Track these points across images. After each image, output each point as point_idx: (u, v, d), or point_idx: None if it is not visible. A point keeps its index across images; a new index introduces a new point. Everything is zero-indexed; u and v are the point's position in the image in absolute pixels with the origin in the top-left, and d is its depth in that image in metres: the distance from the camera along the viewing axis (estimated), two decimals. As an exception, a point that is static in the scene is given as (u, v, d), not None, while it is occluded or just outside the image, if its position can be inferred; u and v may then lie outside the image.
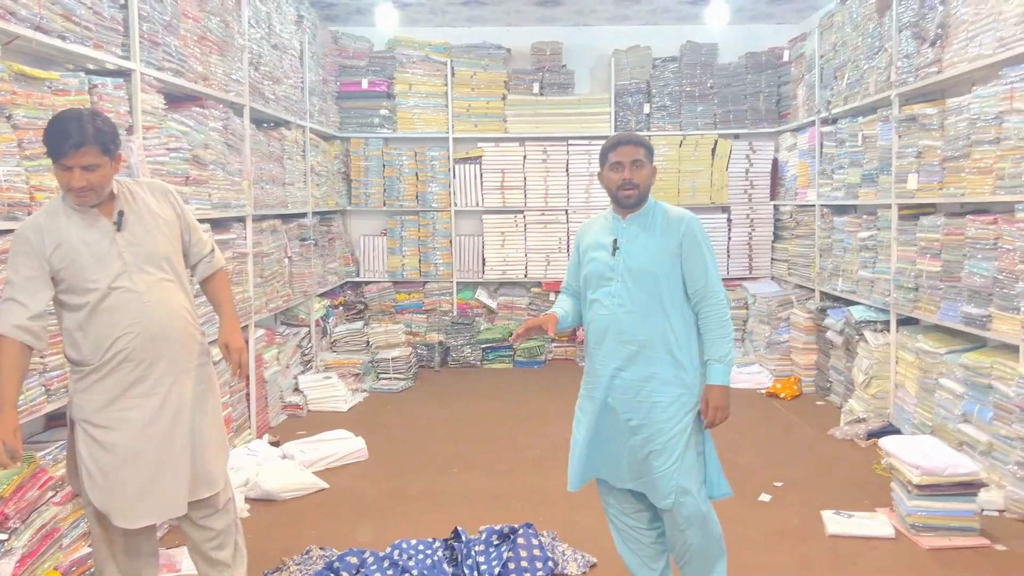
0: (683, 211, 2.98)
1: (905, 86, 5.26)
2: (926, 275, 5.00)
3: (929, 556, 3.63)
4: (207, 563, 2.92)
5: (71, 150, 2.45)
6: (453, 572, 3.46)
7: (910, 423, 5.12)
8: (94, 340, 2.59)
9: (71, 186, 2.50)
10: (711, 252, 2.94)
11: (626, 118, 8.02)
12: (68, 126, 2.46)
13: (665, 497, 2.82)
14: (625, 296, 2.90)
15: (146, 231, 2.68)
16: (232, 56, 5.13)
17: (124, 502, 2.59)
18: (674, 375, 2.86)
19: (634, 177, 2.90)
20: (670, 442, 2.83)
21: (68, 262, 2.54)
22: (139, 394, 2.62)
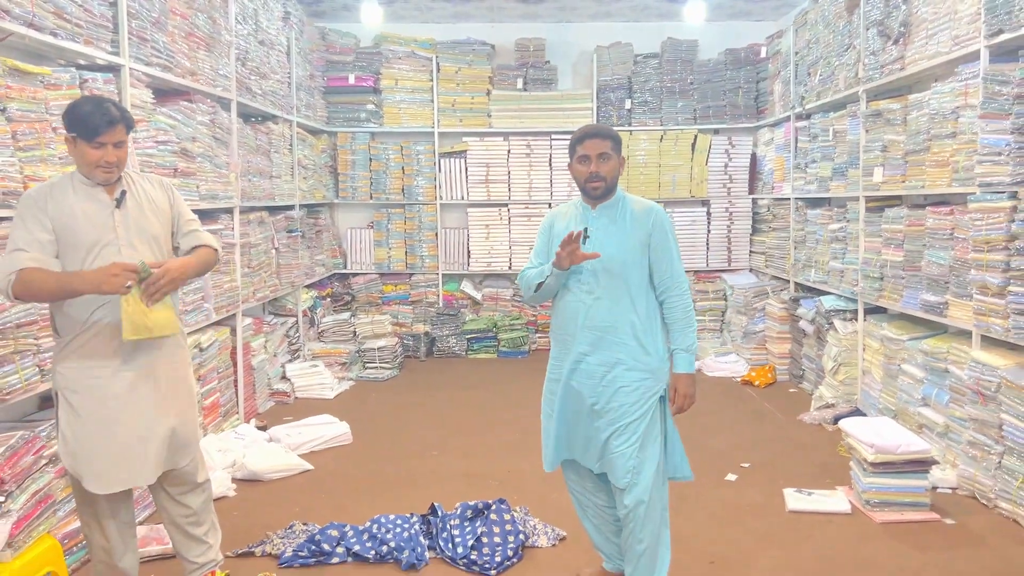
0: (650, 203, 3.06)
1: (872, 82, 5.44)
2: (890, 265, 5.19)
3: (881, 529, 3.82)
4: (185, 537, 3.08)
5: (106, 128, 2.69)
6: (428, 544, 3.64)
7: (876, 408, 5.31)
8: (78, 308, 2.74)
9: (104, 161, 2.72)
10: (677, 244, 3.03)
11: (608, 113, 8.19)
12: (101, 107, 2.71)
13: (623, 476, 2.92)
14: (594, 284, 2.98)
15: (141, 212, 2.86)
16: (219, 52, 5.28)
17: (95, 467, 2.72)
18: (638, 360, 2.95)
19: (600, 170, 2.97)
20: (631, 424, 2.92)
21: (64, 228, 2.71)
22: (116, 365, 2.77)
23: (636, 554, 2.97)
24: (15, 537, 2.33)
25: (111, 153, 2.74)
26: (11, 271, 2.61)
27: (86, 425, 2.73)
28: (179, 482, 3.01)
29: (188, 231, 3.03)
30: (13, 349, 3.14)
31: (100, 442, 2.74)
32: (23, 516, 2.38)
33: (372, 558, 3.55)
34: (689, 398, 3.00)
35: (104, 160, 2.73)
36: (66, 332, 2.78)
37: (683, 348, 2.98)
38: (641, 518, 2.93)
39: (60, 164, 3.45)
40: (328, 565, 3.52)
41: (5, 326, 3.07)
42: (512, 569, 3.48)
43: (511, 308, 8.33)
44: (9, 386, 3.10)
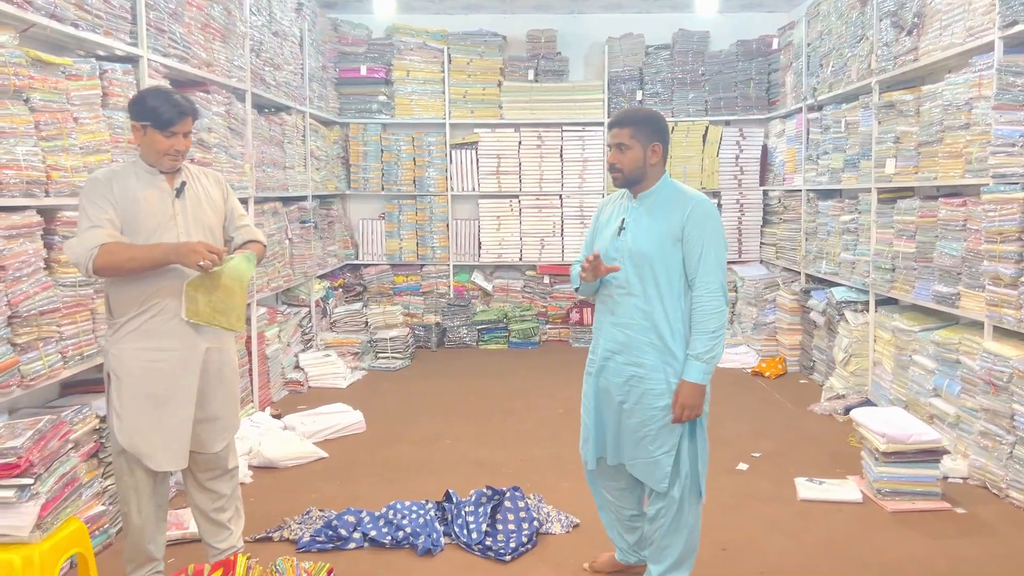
0: (695, 194, 2.88)
1: (884, 73, 5.44)
2: (902, 256, 5.20)
3: (892, 518, 3.85)
4: (209, 523, 3.16)
5: (180, 118, 2.85)
6: (444, 530, 3.68)
7: (886, 399, 5.33)
8: (135, 291, 2.84)
9: (174, 149, 2.86)
10: (716, 240, 2.80)
11: (619, 104, 8.20)
12: (172, 98, 2.87)
13: (660, 481, 2.87)
14: (623, 278, 2.87)
15: (198, 203, 2.98)
16: (234, 43, 5.31)
17: (148, 446, 2.86)
18: (665, 364, 2.82)
19: (616, 161, 2.88)
20: (663, 429, 2.84)
21: (127, 212, 2.82)
22: (169, 347, 2.87)
23: (661, 548, 2.97)
24: (43, 519, 2.38)
25: (180, 142, 2.88)
26: (92, 246, 2.72)
27: (139, 405, 2.85)
28: (210, 467, 3.09)
29: (240, 225, 3.14)
30: (37, 336, 3.19)
31: (151, 422, 2.85)
32: (51, 499, 2.43)
33: (388, 543, 3.60)
34: (689, 409, 2.78)
35: (174, 148, 2.86)
36: (121, 314, 2.88)
37: (693, 354, 2.78)
38: (670, 518, 2.92)
39: (81, 154, 3.50)
40: (345, 550, 3.57)
41: (29, 313, 3.12)
42: (527, 555, 3.53)
43: (521, 299, 8.37)
44: (33, 372, 3.15)
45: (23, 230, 3.13)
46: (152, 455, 2.87)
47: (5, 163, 3.01)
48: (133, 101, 2.90)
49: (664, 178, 2.93)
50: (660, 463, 2.87)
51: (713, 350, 2.77)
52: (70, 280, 3.41)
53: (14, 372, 3.05)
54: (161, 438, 2.88)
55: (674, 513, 2.92)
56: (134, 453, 2.87)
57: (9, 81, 3.04)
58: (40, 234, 3.26)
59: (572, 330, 8.16)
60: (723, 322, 2.80)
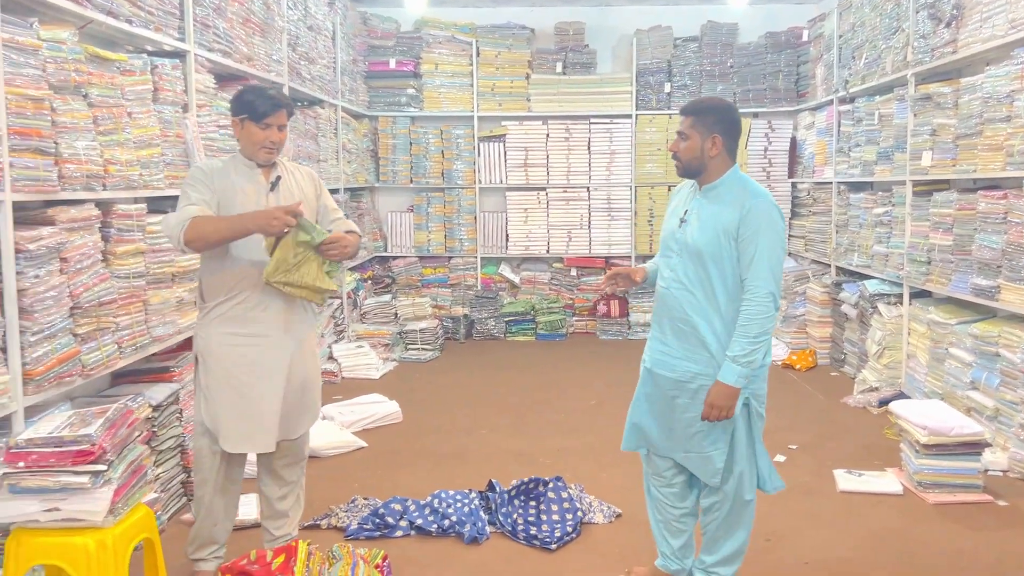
0: (758, 191, 2.80)
1: (921, 66, 5.43)
2: (938, 249, 5.20)
3: (934, 510, 3.86)
4: (271, 509, 3.25)
5: (274, 110, 2.97)
6: (488, 519, 3.74)
7: (921, 391, 5.33)
8: (224, 278, 2.97)
9: (269, 141, 2.99)
10: (772, 243, 2.71)
11: (647, 97, 8.21)
12: (266, 92, 3.01)
13: (712, 476, 2.86)
14: (681, 272, 2.83)
15: (292, 198, 3.07)
16: (272, 37, 5.37)
17: (227, 427, 2.97)
18: (719, 363, 2.77)
19: (675, 149, 2.86)
20: (716, 426, 2.81)
21: (225, 201, 2.95)
22: (253, 333, 2.99)
23: (714, 539, 2.99)
24: (115, 504, 2.45)
25: (275, 134, 3.00)
26: (184, 219, 2.85)
27: (221, 386, 2.98)
28: (287, 453, 3.18)
29: (333, 219, 3.22)
30: (96, 327, 3.26)
31: (232, 405, 2.97)
32: (121, 485, 2.49)
33: (435, 531, 3.65)
34: (717, 410, 2.73)
35: (269, 140, 2.99)
36: (210, 299, 3.01)
37: (731, 355, 2.71)
38: (723, 512, 2.94)
39: (135, 148, 3.56)
40: (392, 538, 3.63)
41: (88, 304, 3.19)
42: (571, 544, 3.57)
43: (549, 291, 8.41)
44: (93, 362, 3.22)
45: (83, 223, 3.19)
46: (228, 436, 2.99)
47: (67, 157, 3.07)
48: (233, 97, 3.04)
49: (731, 172, 2.85)
50: (713, 459, 2.88)
51: (752, 355, 2.70)
52: (125, 272, 3.48)
53: (76, 362, 3.12)
54: (239, 420, 2.98)
55: (728, 509, 2.93)
56: (214, 431, 3.00)
57: (70, 77, 3.10)
58: (98, 227, 3.32)
59: (599, 322, 8.19)
60: (768, 328, 2.72)
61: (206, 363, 3.01)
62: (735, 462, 2.90)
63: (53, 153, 3.01)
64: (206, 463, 3.07)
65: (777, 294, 2.74)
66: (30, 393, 2.89)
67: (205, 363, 3.01)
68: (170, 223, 2.91)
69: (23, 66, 2.85)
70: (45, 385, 2.95)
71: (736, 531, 2.97)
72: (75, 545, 2.41)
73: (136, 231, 3.57)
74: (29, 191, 2.88)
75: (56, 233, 3.00)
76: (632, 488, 3.78)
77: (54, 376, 2.99)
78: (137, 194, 3.62)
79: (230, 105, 3.04)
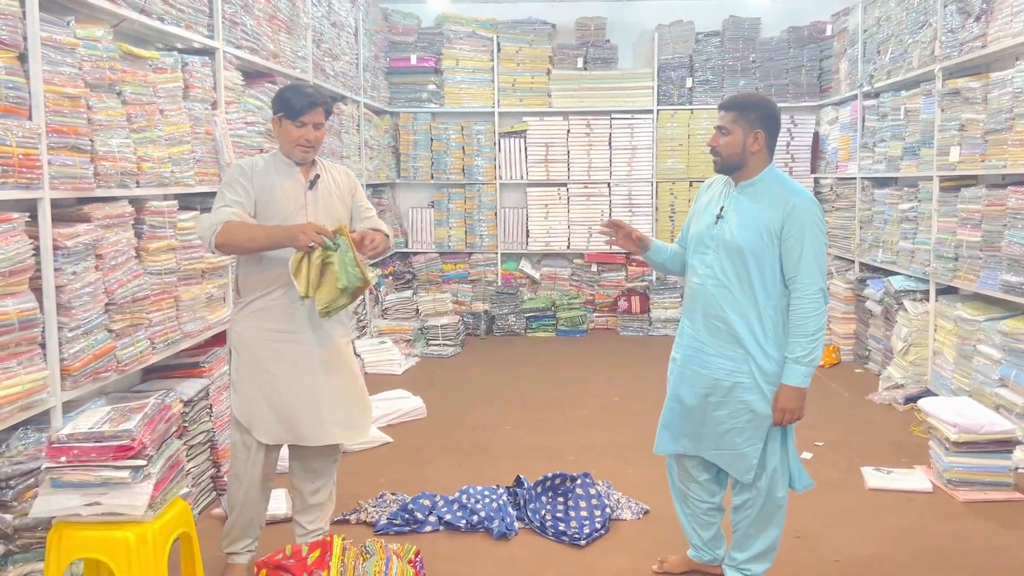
0: (799, 189, 2.81)
1: (949, 60, 5.38)
2: (966, 245, 5.15)
3: (965, 508, 3.84)
4: (303, 503, 3.25)
5: (309, 108, 2.96)
6: (517, 515, 3.74)
7: (948, 388, 5.29)
8: (261, 274, 2.99)
9: (304, 139, 2.99)
10: (817, 240, 2.73)
11: (668, 92, 8.18)
12: (306, 90, 3.02)
13: (745, 473, 2.87)
14: (718, 268, 2.82)
15: (330, 196, 3.09)
16: (297, 34, 5.39)
17: (258, 420, 3.01)
18: (755, 361, 2.78)
19: (716, 144, 2.85)
20: (751, 423, 2.82)
21: (264, 199, 2.97)
22: (292, 329, 3.00)
23: (746, 536, 2.99)
24: (154, 499, 2.47)
25: (310, 132, 2.99)
26: (217, 222, 2.86)
27: (253, 379, 3.01)
28: (323, 453, 3.18)
29: (365, 217, 3.22)
30: (129, 323, 3.29)
31: (264, 397, 3.00)
32: (160, 480, 2.52)
33: (464, 527, 3.67)
34: (790, 413, 2.76)
35: (304, 138, 2.99)
36: (247, 294, 3.04)
37: (792, 358, 2.74)
38: (756, 510, 2.93)
39: (166, 145, 3.59)
40: (421, 533, 3.64)
41: (123, 301, 3.22)
42: (600, 540, 3.58)
43: (569, 287, 8.40)
44: (127, 357, 3.26)
45: (117, 220, 3.22)
46: (260, 427, 3.01)
47: (102, 155, 3.10)
48: (274, 97, 3.05)
49: (769, 169, 2.87)
50: (746, 455, 2.87)
51: (812, 352, 2.73)
52: (157, 268, 3.51)
53: (111, 357, 3.15)
54: (270, 412, 3.01)
55: (760, 505, 2.92)
56: (246, 424, 3.02)
57: (105, 75, 3.13)
58: (131, 224, 3.35)
59: (620, 318, 8.18)
60: (822, 324, 2.76)
61: (239, 356, 3.04)
62: (768, 459, 2.89)
63: (89, 151, 3.04)
64: (239, 457, 3.09)
65: (826, 290, 2.80)
66: (67, 388, 2.92)
67: (239, 356, 3.04)
68: (204, 224, 2.93)
69: (60, 64, 2.88)
70: (82, 380, 2.98)
71: (768, 528, 2.97)
72: (116, 539, 2.43)
73: (167, 228, 3.60)
74: (67, 188, 2.91)
75: (92, 230, 3.03)
76: (659, 484, 3.77)
77: (90, 371, 3.02)
78: (168, 191, 3.65)
79: (272, 103, 3.06)
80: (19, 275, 2.66)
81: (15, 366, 2.64)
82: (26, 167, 2.68)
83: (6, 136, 2.59)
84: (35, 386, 2.70)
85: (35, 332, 2.72)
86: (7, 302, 2.61)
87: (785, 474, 2.93)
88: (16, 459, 2.65)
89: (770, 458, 2.89)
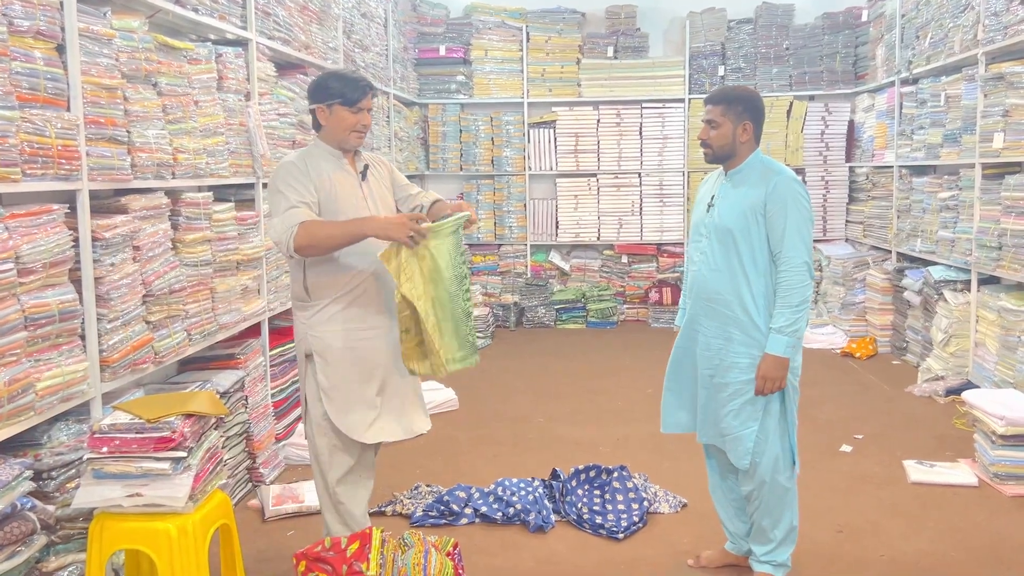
0: (781, 169, 2.92)
1: (993, 44, 5.24)
2: (1010, 234, 5.02)
3: (1012, 503, 3.74)
4: None
5: (365, 93, 2.91)
6: (553, 507, 3.71)
7: (990, 380, 5.17)
8: (337, 274, 2.88)
9: (361, 124, 2.91)
10: (799, 215, 2.83)
11: (700, 81, 8.08)
12: (356, 76, 2.95)
13: (741, 458, 2.89)
14: (710, 254, 2.93)
15: (380, 185, 3.06)
16: (329, 25, 5.37)
17: (358, 420, 2.90)
18: (751, 338, 2.86)
19: (706, 137, 2.94)
20: (746, 404, 2.87)
21: (326, 194, 2.87)
22: (374, 325, 2.93)
23: (761, 528, 2.98)
24: (194, 491, 2.47)
25: (366, 117, 2.93)
26: (292, 224, 2.74)
27: (348, 382, 2.90)
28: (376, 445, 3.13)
29: (411, 195, 3.17)
30: (166, 315, 3.29)
31: (359, 397, 2.90)
32: (200, 471, 2.51)
33: (500, 519, 3.64)
34: (771, 381, 2.82)
35: (360, 124, 2.91)
36: (320, 297, 2.90)
37: (776, 328, 2.82)
38: (764, 499, 2.92)
39: (201, 136, 3.59)
40: (457, 525, 3.62)
41: (160, 292, 3.22)
42: (638, 534, 3.53)
43: (599, 279, 8.34)
44: (164, 349, 3.26)
45: (154, 211, 3.22)
46: (360, 429, 2.90)
47: (139, 146, 3.10)
48: (315, 86, 2.93)
49: (754, 154, 2.96)
50: (742, 439, 2.89)
51: (796, 323, 2.80)
52: (193, 260, 3.51)
53: (149, 349, 3.15)
54: (374, 412, 2.92)
55: (767, 493, 2.92)
56: (345, 430, 2.90)
57: (141, 66, 3.12)
58: (167, 215, 3.35)
59: (651, 310, 8.10)
60: (806, 296, 2.83)
61: (327, 362, 2.89)
62: (768, 443, 2.89)
63: (126, 142, 3.04)
64: (324, 461, 2.96)
65: (811, 264, 2.85)
66: (107, 380, 2.93)
67: (325, 362, 2.89)
68: (276, 229, 2.78)
69: (98, 55, 2.88)
70: (120, 372, 2.99)
71: (781, 514, 2.96)
72: (157, 530, 2.44)
73: (203, 219, 3.60)
74: (104, 180, 2.91)
75: (129, 221, 3.03)
76: (697, 477, 3.72)
77: (129, 363, 3.03)
78: (203, 182, 3.65)
79: (311, 92, 2.95)
80: (59, 266, 2.67)
81: (56, 357, 2.65)
82: (65, 158, 2.68)
83: (46, 127, 2.60)
84: (75, 377, 2.71)
85: (75, 323, 2.73)
86: (47, 293, 2.61)
87: (788, 459, 2.94)
88: (57, 450, 2.67)
89: (770, 444, 2.89)
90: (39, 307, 2.56)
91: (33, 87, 2.59)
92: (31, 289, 2.56)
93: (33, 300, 2.55)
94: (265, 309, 4.25)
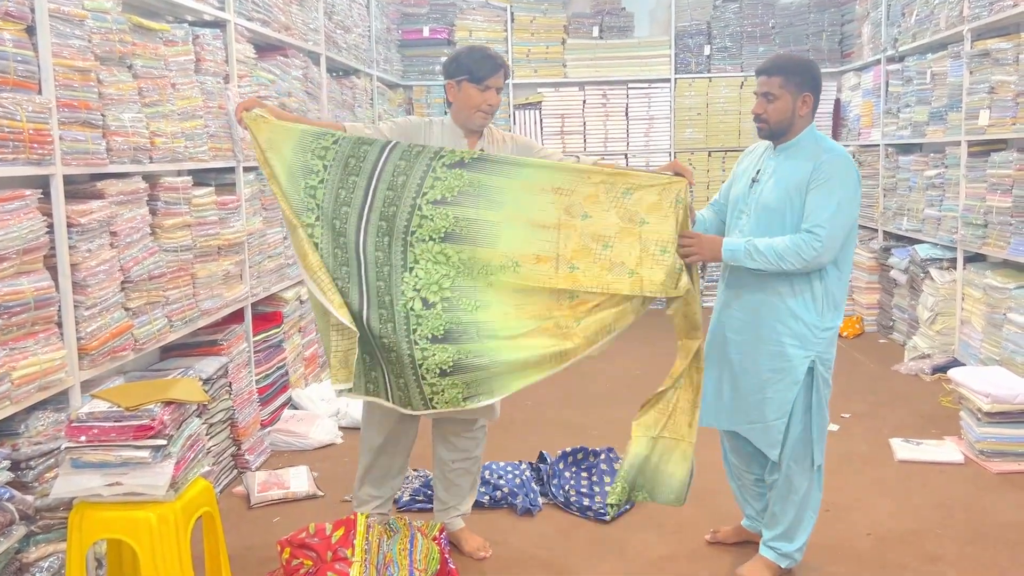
0: (832, 146, 2.77)
1: (978, 20, 5.21)
2: (996, 211, 5.03)
3: (999, 479, 3.76)
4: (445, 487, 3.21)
5: (495, 71, 2.85)
6: (540, 490, 3.70)
7: (976, 358, 5.19)
8: None
9: (488, 103, 2.88)
10: (842, 194, 2.65)
11: (686, 60, 8.03)
12: (488, 52, 2.90)
13: (771, 447, 2.81)
14: (752, 233, 2.78)
15: None
16: (310, 5, 5.29)
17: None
18: (789, 326, 2.74)
19: (763, 111, 2.75)
20: (779, 393, 2.77)
21: None
22: None
23: (772, 514, 2.93)
24: (176, 479, 2.43)
25: (493, 96, 2.88)
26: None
27: None
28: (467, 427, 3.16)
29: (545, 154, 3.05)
30: (146, 301, 3.24)
31: None
32: (180, 459, 2.48)
33: (487, 503, 3.62)
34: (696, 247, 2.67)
35: (487, 103, 2.87)
36: None
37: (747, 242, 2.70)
38: (781, 486, 2.87)
39: (179, 119, 3.52)
40: (444, 510, 3.60)
41: (139, 278, 3.17)
42: (626, 516, 3.53)
43: (587, 261, 8.29)
44: (145, 336, 3.21)
45: (131, 196, 3.16)
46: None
47: (114, 129, 3.03)
48: (448, 61, 2.91)
49: (809, 129, 2.80)
50: (772, 428, 2.81)
51: (755, 258, 2.66)
52: (173, 245, 3.45)
53: (128, 336, 3.10)
54: None
55: (784, 480, 2.87)
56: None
57: (115, 48, 3.05)
58: (146, 200, 3.29)
59: (639, 291, 8.07)
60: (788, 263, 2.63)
61: None
62: (792, 430, 2.82)
63: (100, 126, 2.97)
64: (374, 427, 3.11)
65: (824, 249, 2.63)
66: (85, 368, 2.88)
67: None
68: None
69: (69, 37, 2.80)
70: (99, 359, 2.94)
71: (790, 501, 2.89)
72: (137, 519, 2.40)
73: (182, 204, 3.54)
74: (79, 164, 2.85)
75: (105, 207, 2.97)
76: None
77: (108, 350, 2.98)
78: (182, 166, 3.59)
79: (444, 67, 2.91)
80: (33, 253, 2.61)
81: (32, 345, 2.60)
82: (37, 142, 2.62)
83: (16, 111, 2.53)
84: (52, 366, 2.66)
85: (51, 311, 2.68)
86: (22, 280, 2.56)
87: (807, 452, 2.85)
88: (35, 439, 2.62)
89: (793, 430, 2.82)
90: (13, 295, 2.51)
91: (3, 70, 2.53)
92: (4, 276, 2.50)
93: (6, 288, 2.49)
94: (248, 295, 4.20)
